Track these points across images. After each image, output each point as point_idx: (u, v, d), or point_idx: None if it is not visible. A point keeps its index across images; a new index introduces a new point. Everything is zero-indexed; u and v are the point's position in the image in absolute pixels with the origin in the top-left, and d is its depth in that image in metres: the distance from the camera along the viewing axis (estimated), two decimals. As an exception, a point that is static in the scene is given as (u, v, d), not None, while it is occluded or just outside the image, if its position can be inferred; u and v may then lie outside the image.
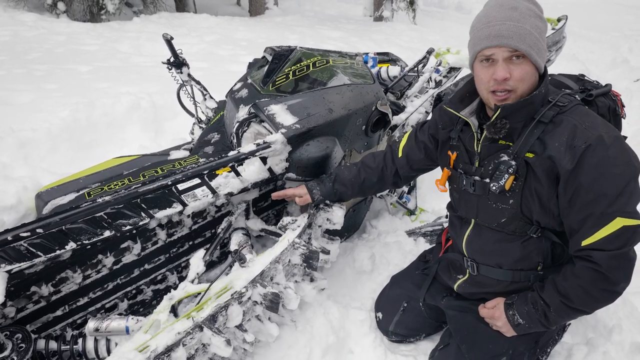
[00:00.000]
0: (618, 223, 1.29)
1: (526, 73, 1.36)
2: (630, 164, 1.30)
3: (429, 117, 2.75)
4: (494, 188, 1.44)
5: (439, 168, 1.84)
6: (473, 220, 1.65)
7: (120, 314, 1.87)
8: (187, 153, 2.36)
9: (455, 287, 1.78)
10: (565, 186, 1.34)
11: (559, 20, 2.67)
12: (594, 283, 1.35)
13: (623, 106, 1.68)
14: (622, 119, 1.68)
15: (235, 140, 2.03)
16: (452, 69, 2.60)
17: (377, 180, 1.89)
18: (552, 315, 1.46)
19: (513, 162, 1.40)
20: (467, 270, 1.72)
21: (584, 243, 1.34)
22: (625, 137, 1.67)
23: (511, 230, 1.52)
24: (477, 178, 1.53)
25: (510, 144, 1.44)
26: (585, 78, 1.71)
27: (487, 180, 1.48)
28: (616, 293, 1.38)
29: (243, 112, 2.02)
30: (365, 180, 1.87)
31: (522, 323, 1.53)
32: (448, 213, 1.86)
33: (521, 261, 1.56)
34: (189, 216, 1.93)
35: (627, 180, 1.29)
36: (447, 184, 1.73)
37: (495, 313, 1.60)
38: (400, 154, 1.89)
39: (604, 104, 1.59)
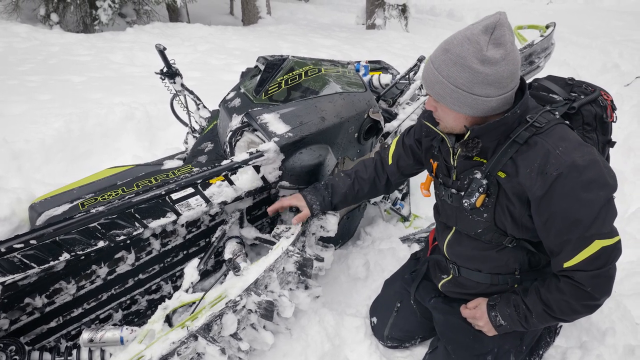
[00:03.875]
0: (596, 245, 1.30)
1: (445, 114, 1.40)
2: (604, 186, 1.28)
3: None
4: (466, 204, 1.46)
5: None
6: (453, 227, 1.67)
7: (114, 325, 1.87)
8: (180, 162, 2.36)
9: (439, 286, 1.82)
10: (537, 211, 1.34)
11: (547, 27, 2.71)
12: (576, 299, 1.38)
13: (614, 109, 1.65)
14: (613, 123, 1.65)
15: (228, 149, 2.04)
16: (443, 76, 2.63)
17: (368, 190, 1.92)
18: (532, 320, 1.49)
19: (484, 181, 1.41)
20: (451, 272, 1.75)
21: (566, 265, 1.36)
22: (614, 143, 1.68)
23: (487, 239, 1.55)
24: (453, 191, 1.55)
25: (484, 161, 1.44)
26: (574, 82, 1.68)
27: (462, 194, 1.50)
28: (597, 306, 1.41)
29: (236, 121, 2.04)
30: (358, 191, 1.91)
31: (504, 324, 1.56)
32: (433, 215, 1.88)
33: (498, 267, 1.59)
34: (183, 225, 1.93)
35: (602, 204, 1.28)
36: (431, 188, 1.75)
37: (476, 313, 1.64)
38: (390, 161, 1.91)
39: (589, 112, 1.58)
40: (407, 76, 2.73)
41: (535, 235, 1.45)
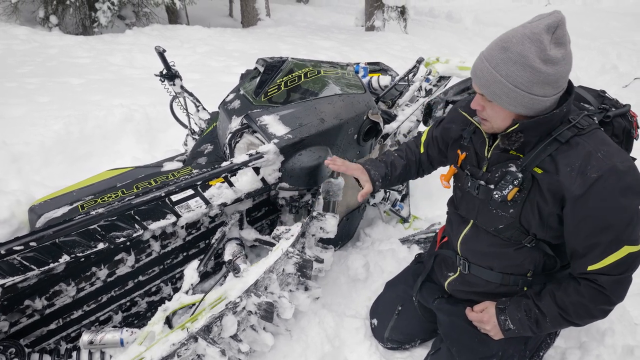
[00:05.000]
0: (625, 251, 1.30)
1: (495, 113, 1.38)
2: None
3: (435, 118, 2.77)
4: (496, 196, 1.46)
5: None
6: (472, 221, 1.66)
7: (114, 327, 1.87)
8: (180, 164, 2.37)
9: (445, 284, 1.81)
10: (572, 211, 1.34)
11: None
12: (595, 302, 1.38)
13: (638, 127, 1.66)
14: (635, 140, 1.66)
15: (228, 151, 2.05)
16: (442, 78, 2.64)
17: (415, 171, 1.96)
18: (545, 325, 1.48)
19: (520, 175, 1.40)
20: (459, 268, 1.74)
21: (590, 268, 1.36)
22: (635, 159, 1.68)
23: (507, 237, 1.54)
24: (482, 182, 1.53)
25: (521, 155, 1.44)
26: (606, 95, 1.69)
27: (492, 186, 1.49)
28: (610, 311, 1.42)
29: (236, 123, 2.04)
30: (408, 172, 1.94)
31: (513, 328, 1.54)
32: (447, 209, 1.87)
33: (512, 266, 1.58)
34: (182, 227, 1.94)
35: (636, 210, 1.29)
36: (451, 180, 1.74)
37: (484, 317, 1.62)
38: (422, 150, 1.94)
39: (620, 124, 1.58)
40: (406, 78, 2.74)
41: (556, 237, 1.45)
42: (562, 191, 1.34)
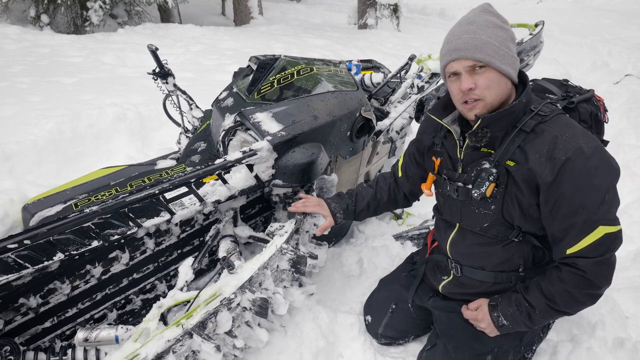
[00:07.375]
0: (600, 231, 1.32)
1: (491, 80, 1.37)
2: (610, 172, 1.32)
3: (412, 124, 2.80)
4: (475, 194, 1.47)
5: None
6: (457, 224, 1.68)
7: (109, 324, 1.87)
8: (174, 162, 2.37)
9: (440, 287, 1.82)
10: (546, 197, 1.37)
11: (536, 25, 2.74)
12: (579, 288, 1.39)
13: (606, 111, 1.71)
14: (605, 123, 1.71)
15: (221, 149, 2.05)
16: (434, 75, 2.65)
17: (387, 199, 1.95)
18: (536, 317, 1.50)
19: (494, 170, 1.43)
20: (452, 272, 1.76)
21: (569, 251, 1.38)
22: (607, 142, 1.72)
23: (493, 234, 1.56)
24: (460, 184, 1.56)
25: (492, 151, 1.46)
26: (569, 83, 1.74)
27: (470, 186, 1.51)
28: (598, 295, 1.43)
29: (229, 120, 2.05)
30: (379, 201, 1.94)
31: (507, 324, 1.56)
32: (434, 215, 1.89)
33: (503, 263, 1.60)
34: (177, 225, 1.94)
35: (607, 189, 1.31)
36: (432, 188, 1.76)
37: (478, 315, 1.64)
38: (400, 174, 1.94)
39: (585, 110, 1.62)
40: (399, 75, 2.75)
41: (540, 228, 1.47)
42: (535, 179, 1.37)
